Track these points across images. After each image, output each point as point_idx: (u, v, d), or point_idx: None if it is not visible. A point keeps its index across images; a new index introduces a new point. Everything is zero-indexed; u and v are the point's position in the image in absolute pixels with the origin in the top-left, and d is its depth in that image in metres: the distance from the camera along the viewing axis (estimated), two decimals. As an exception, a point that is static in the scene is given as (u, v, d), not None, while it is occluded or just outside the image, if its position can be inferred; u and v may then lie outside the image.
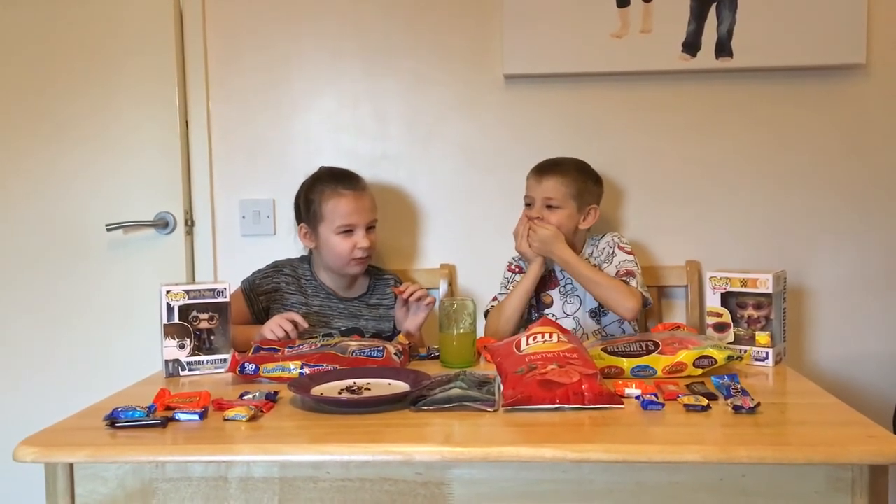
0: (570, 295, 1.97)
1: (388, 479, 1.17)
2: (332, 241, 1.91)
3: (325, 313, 1.96)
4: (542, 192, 1.94)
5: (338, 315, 1.97)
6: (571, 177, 1.94)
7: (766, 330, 1.63)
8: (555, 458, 1.12)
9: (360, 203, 1.92)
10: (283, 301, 1.97)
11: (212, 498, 1.19)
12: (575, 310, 1.96)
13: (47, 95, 2.23)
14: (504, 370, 1.41)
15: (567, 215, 1.93)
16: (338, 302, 1.98)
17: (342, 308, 1.98)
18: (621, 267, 1.89)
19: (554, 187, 1.93)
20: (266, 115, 2.23)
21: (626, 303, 1.80)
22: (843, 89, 2.09)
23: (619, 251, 1.94)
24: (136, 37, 2.21)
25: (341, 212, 1.90)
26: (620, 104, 2.14)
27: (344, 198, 1.91)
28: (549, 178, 1.94)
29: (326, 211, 1.91)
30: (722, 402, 1.32)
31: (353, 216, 1.90)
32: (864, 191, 2.11)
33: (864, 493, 1.11)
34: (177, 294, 1.63)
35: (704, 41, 2.05)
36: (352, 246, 1.89)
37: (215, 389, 1.45)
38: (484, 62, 2.16)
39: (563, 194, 1.93)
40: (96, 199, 2.24)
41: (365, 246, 1.90)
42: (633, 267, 1.89)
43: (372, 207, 1.95)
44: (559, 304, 1.98)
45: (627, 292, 1.82)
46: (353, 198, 1.91)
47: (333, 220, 1.90)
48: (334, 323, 1.96)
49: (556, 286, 1.99)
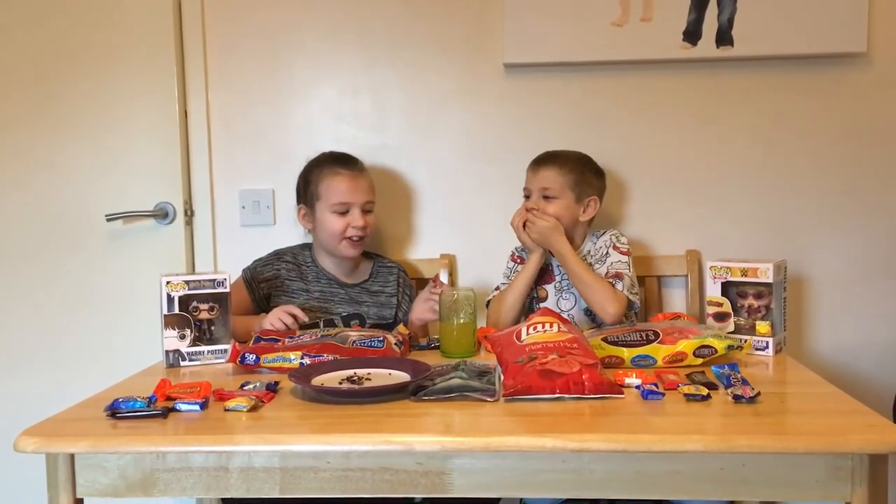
0: (566, 291, 1.96)
1: (388, 468, 1.17)
2: (327, 220, 1.92)
3: (327, 299, 1.96)
4: (539, 182, 1.93)
5: (339, 301, 1.97)
6: (569, 167, 1.93)
7: (766, 319, 1.63)
8: (555, 447, 1.12)
9: (356, 183, 1.93)
10: (283, 288, 1.97)
11: (213, 488, 1.19)
12: (570, 306, 1.95)
13: (46, 85, 2.22)
14: (504, 360, 1.41)
15: (565, 206, 1.91)
16: (339, 288, 1.98)
17: (343, 294, 1.98)
18: (612, 268, 1.87)
19: (550, 177, 1.92)
20: (266, 105, 2.22)
21: (608, 307, 1.78)
22: (844, 78, 2.09)
23: (613, 251, 1.91)
24: (135, 26, 2.19)
25: (336, 190, 1.92)
26: (620, 93, 2.13)
27: (339, 176, 1.93)
28: (546, 168, 1.94)
29: (322, 190, 1.93)
30: (722, 391, 1.33)
31: (348, 195, 1.91)
32: (865, 179, 2.11)
33: (863, 481, 1.11)
34: (177, 284, 1.63)
35: (705, 30, 2.04)
36: (345, 225, 1.91)
37: (216, 380, 1.45)
38: (484, 51, 2.15)
39: (560, 184, 1.91)
40: (96, 190, 2.24)
41: (359, 225, 1.90)
42: (624, 269, 1.86)
43: (368, 189, 1.96)
44: (553, 299, 1.97)
45: (612, 296, 1.79)
46: (349, 177, 1.93)
47: (329, 199, 1.92)
48: (335, 309, 1.96)
49: (551, 281, 1.98)
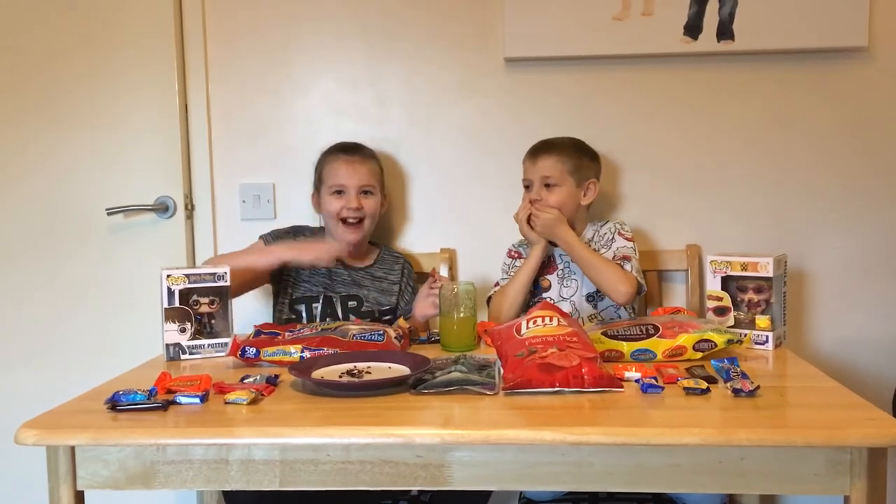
0: (568, 278, 1.97)
1: (388, 461, 1.17)
2: (326, 202, 2.00)
3: (331, 278, 2.01)
4: (539, 171, 1.94)
5: (341, 282, 2.01)
6: (567, 153, 1.94)
7: (766, 313, 1.63)
8: (554, 440, 1.13)
9: (353, 167, 2.00)
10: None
11: (213, 480, 1.20)
12: (572, 293, 1.96)
13: (46, 80, 2.21)
14: (504, 354, 1.42)
15: (567, 193, 1.93)
16: (343, 269, 2.03)
17: (346, 276, 2.02)
18: (619, 252, 1.90)
19: (550, 165, 1.93)
20: (266, 99, 2.22)
21: (621, 286, 1.81)
22: (845, 72, 2.08)
23: (618, 237, 1.94)
24: (136, 20, 2.19)
25: (334, 173, 2.00)
26: (621, 87, 2.13)
27: (338, 161, 2.01)
28: (545, 157, 1.94)
29: (324, 174, 2.02)
30: (721, 385, 1.33)
31: (344, 178, 1.98)
32: (865, 174, 2.10)
33: (862, 475, 1.11)
34: (177, 278, 1.64)
35: (706, 24, 2.03)
36: (341, 206, 1.97)
37: (216, 373, 1.45)
38: (485, 45, 2.15)
39: (561, 171, 1.92)
40: (96, 184, 2.23)
41: (353, 206, 1.96)
42: (631, 253, 1.90)
43: (367, 173, 2.01)
44: (556, 287, 1.98)
45: (623, 277, 1.82)
46: (347, 161, 2.01)
47: (327, 181, 2.01)
48: (336, 288, 2.01)
49: (553, 270, 1.99)
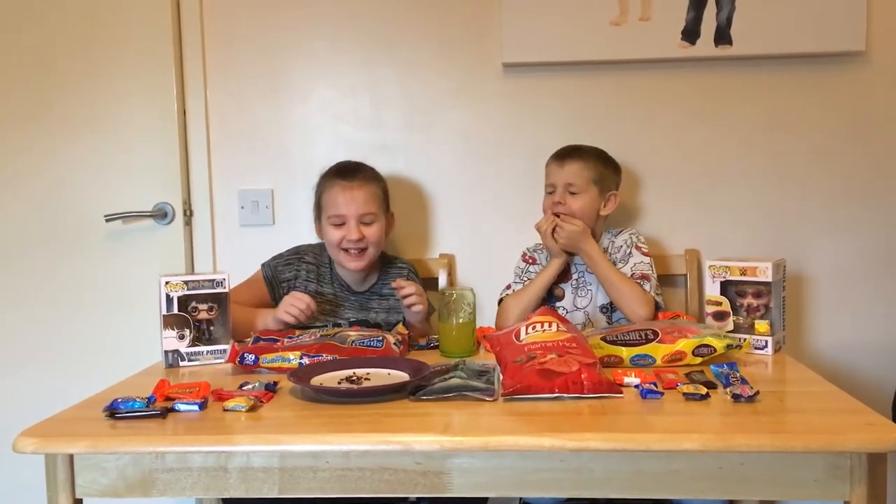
0: (582, 288, 1.96)
1: (387, 468, 1.17)
2: (327, 231, 1.92)
3: (338, 303, 1.95)
4: (565, 177, 1.92)
5: (349, 306, 1.96)
6: (592, 162, 1.93)
7: (765, 318, 1.63)
8: (554, 447, 1.12)
9: (350, 194, 1.89)
10: (299, 289, 1.94)
11: (212, 488, 1.19)
12: (586, 304, 1.95)
13: (44, 85, 2.22)
14: (503, 359, 1.41)
15: (589, 200, 1.92)
16: (349, 294, 1.97)
17: (353, 300, 1.97)
18: (637, 270, 1.89)
19: (576, 172, 1.92)
20: (264, 105, 2.22)
21: (640, 310, 1.80)
22: (843, 77, 2.08)
23: (636, 252, 1.93)
24: (134, 25, 2.19)
25: (332, 202, 1.90)
26: (619, 92, 2.13)
27: (335, 188, 1.91)
28: (571, 162, 1.93)
29: (323, 202, 1.93)
30: (721, 390, 1.33)
31: (342, 207, 1.89)
32: (863, 178, 2.11)
33: (862, 480, 1.11)
34: (176, 285, 1.63)
35: (704, 29, 2.04)
36: (341, 237, 1.88)
37: (215, 380, 1.45)
38: (482, 50, 2.15)
39: (585, 179, 1.92)
40: (95, 190, 2.23)
41: (353, 238, 1.87)
42: (649, 271, 1.89)
43: (366, 200, 1.91)
44: (570, 297, 1.97)
45: (643, 299, 1.81)
46: (343, 189, 1.90)
47: (327, 210, 1.91)
48: (343, 314, 1.95)
49: (568, 280, 1.98)
